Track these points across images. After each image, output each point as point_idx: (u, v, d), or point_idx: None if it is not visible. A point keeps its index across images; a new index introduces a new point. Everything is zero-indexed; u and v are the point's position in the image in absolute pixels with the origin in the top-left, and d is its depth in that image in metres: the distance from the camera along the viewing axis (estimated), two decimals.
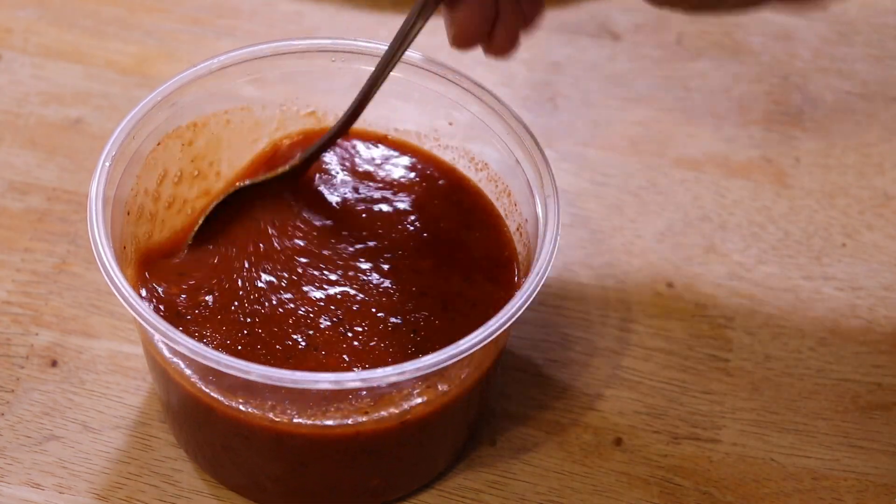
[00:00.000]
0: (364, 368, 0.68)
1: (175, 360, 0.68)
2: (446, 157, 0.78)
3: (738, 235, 0.87)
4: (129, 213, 0.72)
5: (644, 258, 0.85)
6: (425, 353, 0.66)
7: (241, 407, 0.67)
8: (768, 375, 0.80)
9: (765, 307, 0.83)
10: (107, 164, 0.69)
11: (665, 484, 0.76)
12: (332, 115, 0.79)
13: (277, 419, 0.67)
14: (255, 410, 0.67)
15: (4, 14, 0.97)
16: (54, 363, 0.78)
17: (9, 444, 0.75)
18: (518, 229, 0.74)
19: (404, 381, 0.66)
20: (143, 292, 0.71)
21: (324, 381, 0.63)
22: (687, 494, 0.75)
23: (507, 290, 0.72)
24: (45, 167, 0.88)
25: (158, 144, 0.73)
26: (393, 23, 0.98)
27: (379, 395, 0.67)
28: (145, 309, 0.65)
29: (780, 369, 0.81)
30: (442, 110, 0.76)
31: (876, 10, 1.01)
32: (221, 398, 0.67)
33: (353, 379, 0.63)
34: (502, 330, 0.66)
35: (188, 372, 0.68)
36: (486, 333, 0.65)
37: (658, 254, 0.86)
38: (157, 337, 0.65)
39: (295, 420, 0.67)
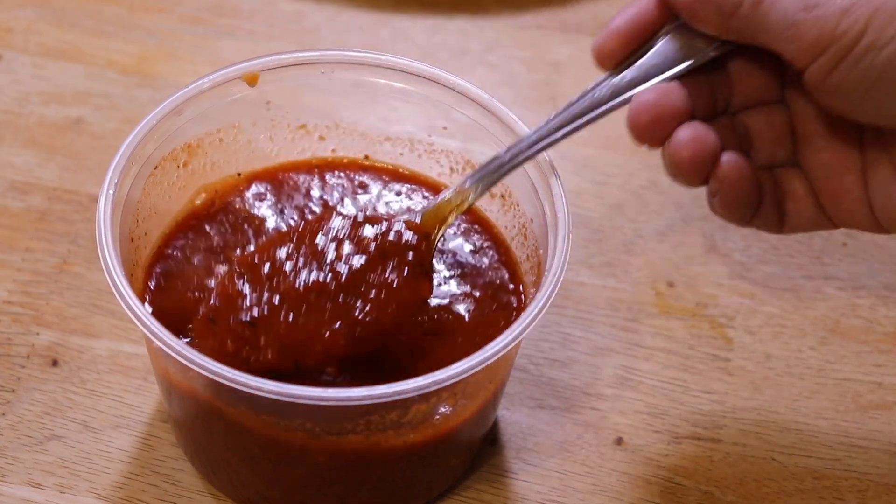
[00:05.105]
0: (385, 382, 0.65)
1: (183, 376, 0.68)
2: (441, 160, 0.78)
3: (738, 235, 0.87)
4: (132, 240, 0.71)
5: (644, 257, 0.85)
6: (443, 364, 0.64)
7: (254, 422, 0.66)
8: (769, 375, 0.80)
9: (766, 306, 0.83)
10: (110, 191, 0.68)
11: (666, 483, 0.76)
12: (323, 127, 0.78)
13: (295, 435, 0.66)
14: (272, 425, 0.66)
15: (4, 14, 0.97)
16: (55, 363, 0.78)
17: (10, 443, 0.75)
18: (522, 230, 0.74)
19: (430, 392, 0.64)
20: (149, 308, 0.70)
21: (331, 397, 0.62)
22: (688, 494, 0.75)
23: (518, 292, 0.72)
24: (46, 167, 0.87)
25: (156, 168, 0.73)
26: (393, 22, 0.98)
27: (396, 409, 0.66)
28: (162, 330, 0.64)
29: (781, 369, 0.81)
30: (438, 113, 0.76)
31: None
32: (232, 409, 0.66)
33: (360, 395, 0.62)
34: (526, 332, 0.65)
35: (192, 384, 0.67)
36: (511, 336, 0.64)
37: (658, 253, 0.86)
38: (172, 357, 0.64)
39: (313, 435, 0.66)
